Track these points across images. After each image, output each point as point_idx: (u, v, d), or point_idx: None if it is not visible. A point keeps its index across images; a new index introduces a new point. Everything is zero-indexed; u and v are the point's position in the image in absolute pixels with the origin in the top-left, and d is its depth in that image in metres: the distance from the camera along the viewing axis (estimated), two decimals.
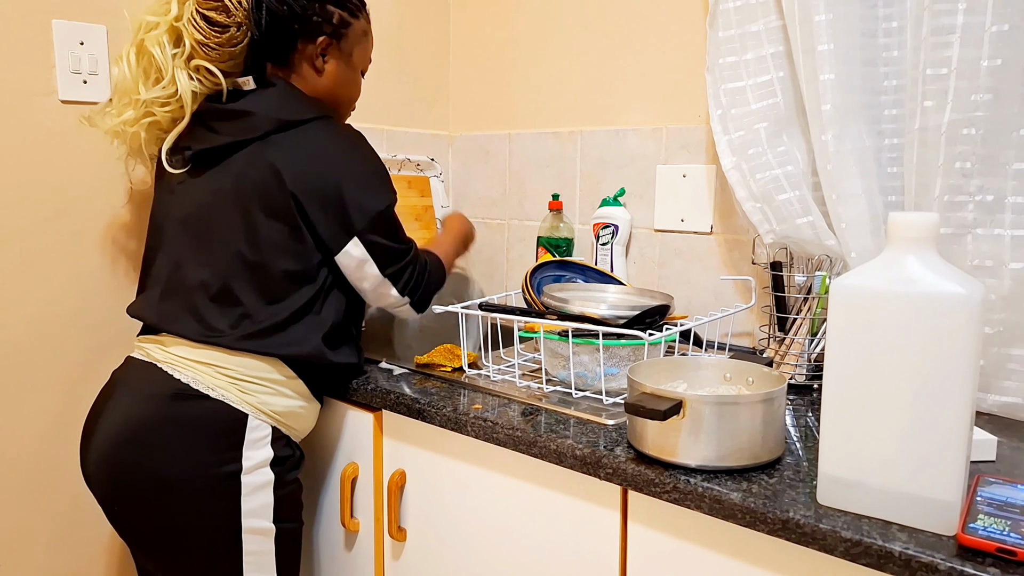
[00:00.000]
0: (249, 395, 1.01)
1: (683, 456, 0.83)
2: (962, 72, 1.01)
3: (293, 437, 1.09)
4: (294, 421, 1.08)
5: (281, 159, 1.01)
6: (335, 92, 1.14)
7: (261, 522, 1.02)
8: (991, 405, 1.05)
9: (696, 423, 0.81)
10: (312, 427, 1.15)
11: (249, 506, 1.00)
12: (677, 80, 1.46)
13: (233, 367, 1.01)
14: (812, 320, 1.15)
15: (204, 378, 1.00)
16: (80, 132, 1.21)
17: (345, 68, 1.14)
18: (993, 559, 0.65)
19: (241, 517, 1.00)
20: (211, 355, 1.01)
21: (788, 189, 1.20)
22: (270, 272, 1.02)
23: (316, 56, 1.11)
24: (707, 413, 0.81)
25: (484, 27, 1.76)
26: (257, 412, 1.02)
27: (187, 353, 1.01)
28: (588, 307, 1.11)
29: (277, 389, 1.04)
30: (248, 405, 1.01)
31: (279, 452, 1.04)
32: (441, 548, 1.11)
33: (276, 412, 1.04)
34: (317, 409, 1.14)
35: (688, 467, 0.83)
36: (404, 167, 1.71)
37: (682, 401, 0.81)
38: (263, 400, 1.03)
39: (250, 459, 1.00)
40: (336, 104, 1.16)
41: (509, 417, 1.00)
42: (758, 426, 0.82)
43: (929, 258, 0.70)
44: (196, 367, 1.00)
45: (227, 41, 1.05)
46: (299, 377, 1.06)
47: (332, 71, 1.13)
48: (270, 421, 1.03)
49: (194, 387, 0.99)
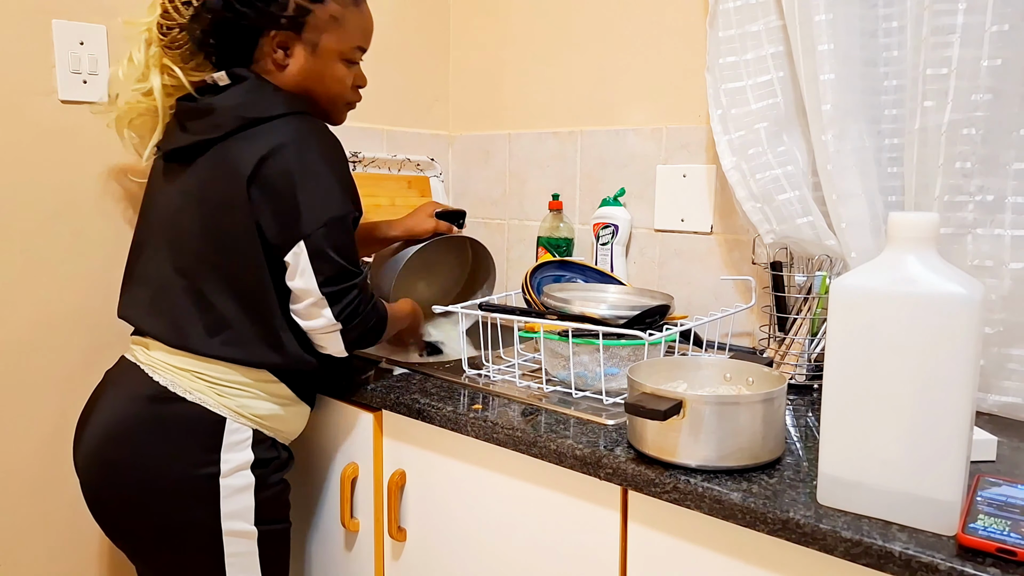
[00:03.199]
0: (227, 398, 1.00)
1: (683, 456, 0.83)
2: (962, 72, 1.01)
3: (279, 439, 1.08)
4: (279, 424, 1.06)
5: (241, 159, 0.96)
6: (305, 87, 1.06)
7: (242, 524, 1.01)
8: (991, 405, 1.05)
9: (696, 423, 0.81)
10: (302, 428, 1.13)
11: (229, 508, 0.99)
12: (677, 80, 1.46)
13: (210, 372, 0.99)
14: (812, 320, 1.15)
15: (182, 381, 0.99)
16: (80, 132, 1.21)
17: (313, 60, 1.05)
18: (993, 559, 0.65)
19: (221, 519, 0.99)
20: (188, 360, 0.99)
21: (788, 189, 1.20)
22: (237, 276, 0.99)
23: (275, 50, 1.03)
24: (707, 413, 0.81)
25: (484, 27, 1.76)
26: (236, 415, 1.00)
27: (165, 357, 1.00)
28: (588, 307, 1.11)
29: (256, 393, 1.02)
30: (226, 408, 1.00)
31: (261, 454, 1.02)
32: (441, 548, 1.10)
33: (257, 415, 1.03)
34: (306, 411, 1.12)
35: (688, 467, 0.83)
36: (404, 167, 1.71)
37: (682, 401, 0.81)
38: (242, 403, 1.01)
39: (228, 462, 0.99)
40: (315, 99, 1.07)
41: (509, 417, 1.00)
42: (758, 426, 0.82)
43: (929, 258, 0.70)
44: (174, 371, 0.99)
45: (171, 43, 1.05)
46: (281, 381, 1.04)
47: (296, 65, 1.04)
48: (250, 424, 1.02)
49: (172, 390, 0.98)
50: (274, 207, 0.96)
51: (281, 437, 1.08)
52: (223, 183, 0.98)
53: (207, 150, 1.00)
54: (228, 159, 0.98)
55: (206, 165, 1.00)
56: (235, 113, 0.99)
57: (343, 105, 1.12)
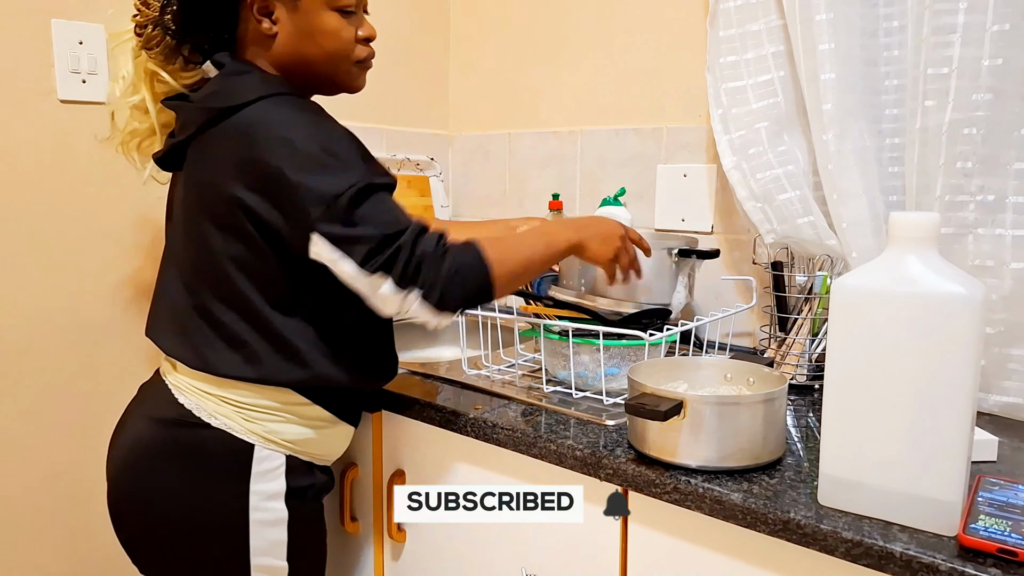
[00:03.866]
0: (254, 423, 0.91)
1: (684, 457, 0.82)
2: (963, 72, 1.01)
3: (318, 462, 0.98)
4: (316, 448, 0.96)
5: (217, 158, 0.87)
6: (302, 50, 0.92)
7: (272, 560, 0.92)
8: (992, 405, 1.05)
9: (697, 423, 0.81)
10: (344, 449, 1.04)
11: (258, 544, 0.90)
12: (677, 80, 1.46)
13: (235, 396, 0.90)
14: (813, 320, 1.15)
15: (207, 405, 0.91)
16: (80, 131, 1.20)
17: (296, 17, 0.91)
18: (994, 559, 0.65)
19: (250, 556, 0.90)
20: (212, 384, 0.91)
21: (789, 189, 1.19)
22: (240, 291, 0.88)
23: (259, 20, 0.91)
24: (708, 413, 0.81)
25: (484, 27, 1.76)
26: (265, 442, 0.91)
27: (190, 379, 0.92)
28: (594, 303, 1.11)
29: (286, 416, 0.92)
30: (253, 435, 0.91)
31: (295, 482, 0.93)
32: (441, 549, 1.10)
33: (288, 441, 0.93)
34: (348, 432, 1.02)
35: (689, 467, 0.83)
36: (404, 167, 1.70)
37: (683, 401, 0.81)
38: (271, 429, 0.91)
39: (258, 493, 0.90)
40: (313, 65, 0.94)
41: (509, 417, 0.99)
42: (759, 426, 0.82)
43: (930, 258, 0.69)
44: (199, 394, 0.91)
45: (147, 42, 0.94)
46: (314, 402, 0.94)
47: (285, 27, 0.91)
48: (282, 450, 0.93)
49: (196, 414, 0.90)
50: (271, 204, 0.84)
51: (319, 460, 0.99)
52: (203, 188, 0.89)
53: (186, 150, 0.92)
54: (205, 159, 0.89)
55: (188, 169, 0.93)
56: (205, 105, 0.89)
57: (351, 65, 0.96)
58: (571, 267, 1.18)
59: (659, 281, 1.09)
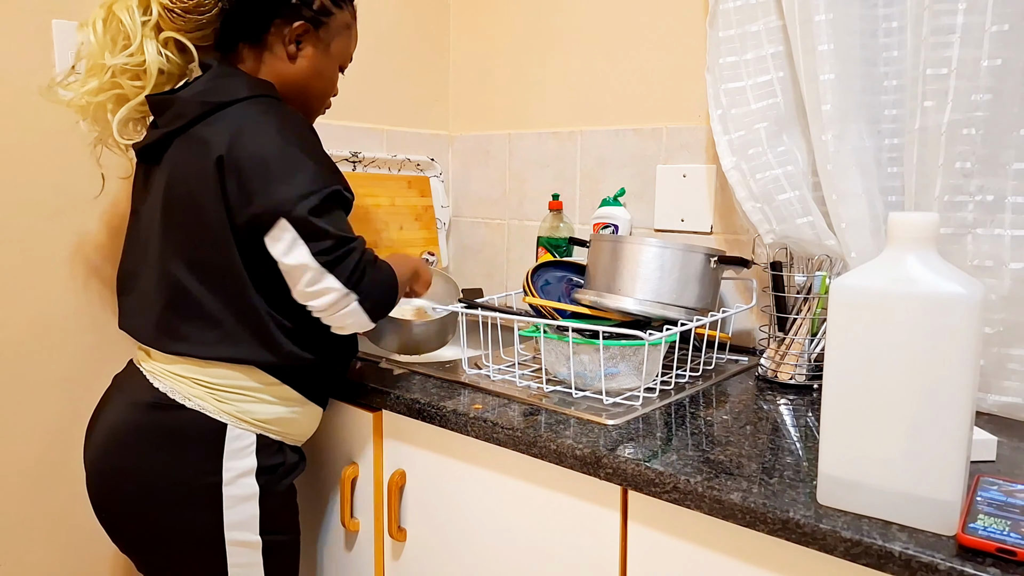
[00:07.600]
0: (227, 404, 0.97)
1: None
2: (962, 72, 1.01)
3: (287, 441, 1.05)
4: (285, 427, 1.03)
5: (206, 145, 0.92)
6: (308, 82, 1.05)
7: (246, 534, 0.98)
8: (991, 405, 1.05)
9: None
10: (313, 430, 1.10)
11: (232, 518, 0.97)
12: (677, 80, 1.46)
13: (208, 377, 0.97)
14: (812, 320, 1.15)
15: (181, 388, 0.97)
16: (80, 131, 1.20)
17: (322, 58, 1.05)
18: (993, 559, 0.65)
19: (224, 529, 0.97)
20: (186, 366, 0.97)
21: (788, 189, 1.20)
22: (218, 276, 0.95)
23: (291, 40, 1.02)
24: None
25: (484, 27, 1.76)
26: (237, 421, 0.98)
27: (165, 363, 0.98)
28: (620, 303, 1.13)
29: (257, 396, 0.99)
30: (226, 414, 0.97)
31: (266, 461, 0.99)
32: (441, 548, 1.11)
33: (260, 420, 0.99)
34: (316, 412, 1.08)
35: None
36: (404, 167, 1.71)
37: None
38: (243, 408, 0.98)
39: (231, 470, 0.96)
40: (306, 96, 1.07)
41: (509, 417, 1.00)
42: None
43: (929, 258, 0.70)
44: (173, 377, 0.97)
45: (195, 7, 0.98)
46: (283, 382, 1.01)
47: (307, 59, 1.04)
48: (254, 429, 0.99)
49: (171, 397, 0.96)
50: (247, 190, 0.91)
51: (289, 440, 1.05)
52: (190, 173, 0.94)
53: (172, 143, 0.97)
54: (192, 147, 0.94)
55: (172, 158, 0.97)
56: (198, 99, 0.95)
57: (323, 106, 1.14)
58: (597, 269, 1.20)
59: (701, 287, 1.16)
